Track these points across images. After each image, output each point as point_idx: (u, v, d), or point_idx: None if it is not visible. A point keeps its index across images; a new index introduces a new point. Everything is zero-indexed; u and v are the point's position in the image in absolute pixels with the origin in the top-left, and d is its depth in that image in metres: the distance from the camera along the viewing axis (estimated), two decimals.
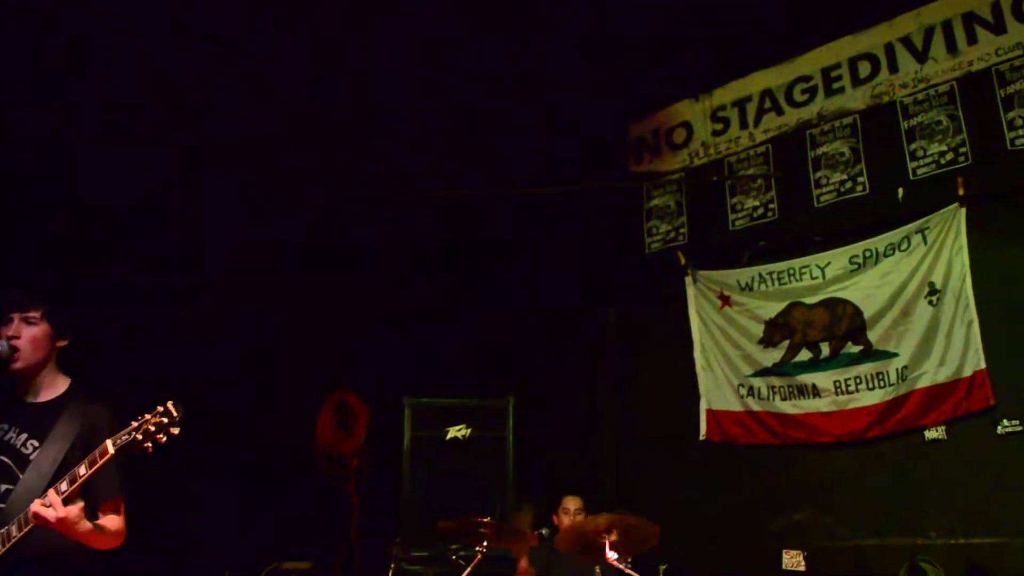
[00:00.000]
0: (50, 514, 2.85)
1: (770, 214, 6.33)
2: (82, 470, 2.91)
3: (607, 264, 7.05)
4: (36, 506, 2.86)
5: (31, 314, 3.27)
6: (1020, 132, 5.29)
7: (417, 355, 7.17)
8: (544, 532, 5.69)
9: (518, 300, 7.20)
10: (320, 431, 7.27)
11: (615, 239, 7.03)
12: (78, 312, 3.52)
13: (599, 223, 7.02)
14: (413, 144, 6.63)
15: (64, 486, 2.90)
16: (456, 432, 6.73)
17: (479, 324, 7.18)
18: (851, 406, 5.71)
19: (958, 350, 5.30)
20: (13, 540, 2.94)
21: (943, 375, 5.34)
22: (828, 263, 5.95)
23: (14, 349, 3.19)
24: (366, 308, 7.23)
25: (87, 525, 2.99)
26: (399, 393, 6.89)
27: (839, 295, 5.86)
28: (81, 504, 2.95)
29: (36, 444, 3.17)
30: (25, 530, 2.93)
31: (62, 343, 3.35)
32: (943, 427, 5.34)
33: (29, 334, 3.25)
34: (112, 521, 3.19)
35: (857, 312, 5.76)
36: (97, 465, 2.90)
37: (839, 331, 5.82)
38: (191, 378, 6.05)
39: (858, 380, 5.70)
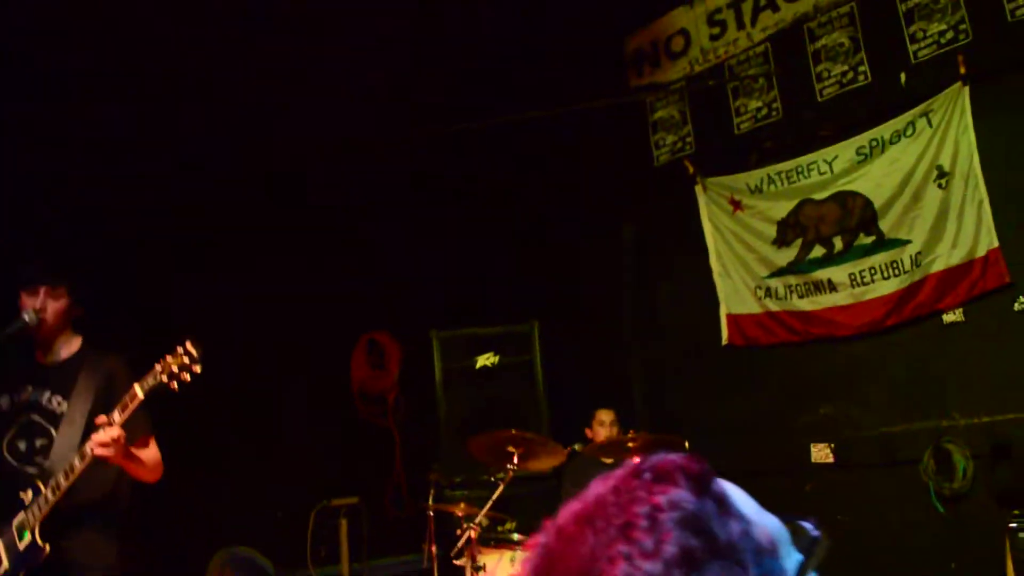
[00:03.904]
0: (107, 435, 3.12)
1: (774, 114, 6.27)
2: (116, 416, 3.18)
3: (618, 181, 7.06)
4: (96, 436, 3.15)
5: (58, 289, 3.50)
6: (1020, 2, 5.15)
7: (440, 288, 7.29)
8: (576, 447, 5.86)
9: (534, 226, 7.28)
10: (355, 371, 7.49)
11: (624, 155, 7.03)
12: (96, 284, 3.75)
13: (606, 141, 7.02)
14: (418, 76, 6.64)
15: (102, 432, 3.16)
16: (485, 360, 6.91)
17: (498, 252, 7.27)
18: (868, 297, 5.73)
19: (970, 231, 5.27)
20: (63, 489, 3.24)
21: (957, 257, 5.32)
22: (835, 157, 5.90)
23: (41, 320, 3.44)
24: (386, 246, 7.35)
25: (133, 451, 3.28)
26: (427, 327, 7.07)
27: (848, 188, 5.83)
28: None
29: (61, 400, 3.45)
30: (72, 478, 3.22)
31: (78, 312, 3.59)
32: (960, 309, 5.34)
33: (54, 307, 3.53)
34: (147, 455, 3.49)
35: (867, 203, 5.74)
36: (130, 408, 3.19)
37: (851, 224, 5.82)
38: (228, 327, 6.29)
39: (873, 271, 5.71)
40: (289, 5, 5.70)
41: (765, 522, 0.90)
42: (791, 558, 0.90)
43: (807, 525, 0.94)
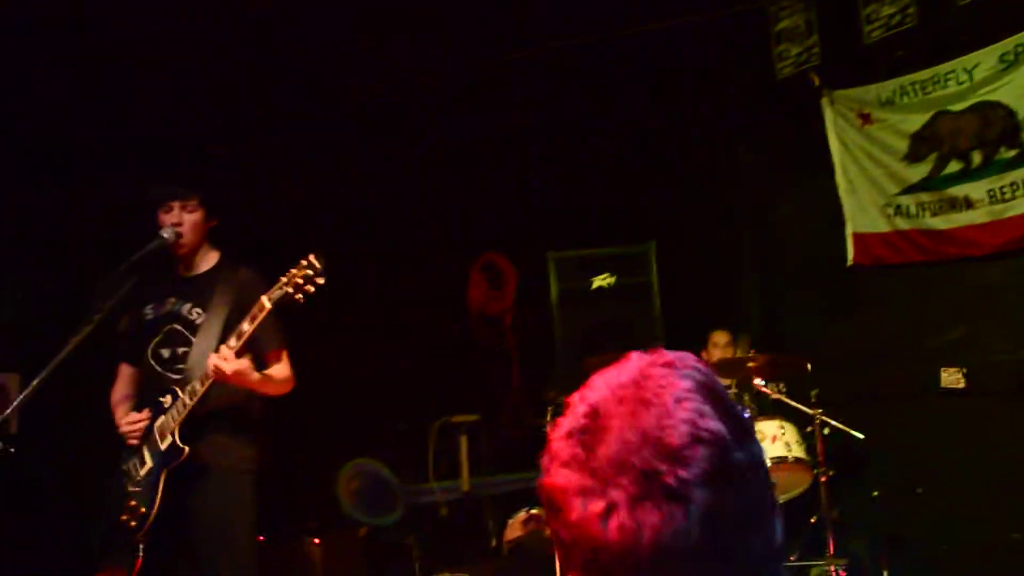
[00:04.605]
0: (226, 367, 3.33)
1: (909, 20, 5.86)
2: (245, 326, 3.39)
3: (738, 95, 6.80)
4: (214, 360, 3.34)
5: (190, 203, 3.69)
6: None
7: (556, 209, 7.27)
8: None
9: (650, 144, 7.12)
10: (472, 293, 7.60)
11: (744, 68, 6.75)
12: (227, 194, 3.93)
13: (726, 54, 6.75)
14: None
15: (233, 342, 3.38)
16: (601, 281, 6.89)
17: (614, 172, 7.17)
18: (1008, 214, 5.41)
19: None
20: (199, 395, 3.45)
21: None
22: (976, 64, 5.51)
23: (179, 235, 3.64)
24: (502, 168, 7.36)
25: (257, 375, 3.50)
26: (543, 248, 7.09)
27: (989, 98, 5.46)
28: (250, 357, 3.43)
29: (200, 311, 3.68)
30: (207, 384, 3.41)
31: (213, 223, 3.78)
32: None
33: (190, 221, 3.72)
34: (278, 370, 3.73)
35: (1010, 114, 5.37)
36: (258, 320, 3.38)
37: (991, 137, 5.46)
38: (347, 247, 6.49)
39: (1014, 186, 5.37)
40: None
41: None
42: None
43: None
